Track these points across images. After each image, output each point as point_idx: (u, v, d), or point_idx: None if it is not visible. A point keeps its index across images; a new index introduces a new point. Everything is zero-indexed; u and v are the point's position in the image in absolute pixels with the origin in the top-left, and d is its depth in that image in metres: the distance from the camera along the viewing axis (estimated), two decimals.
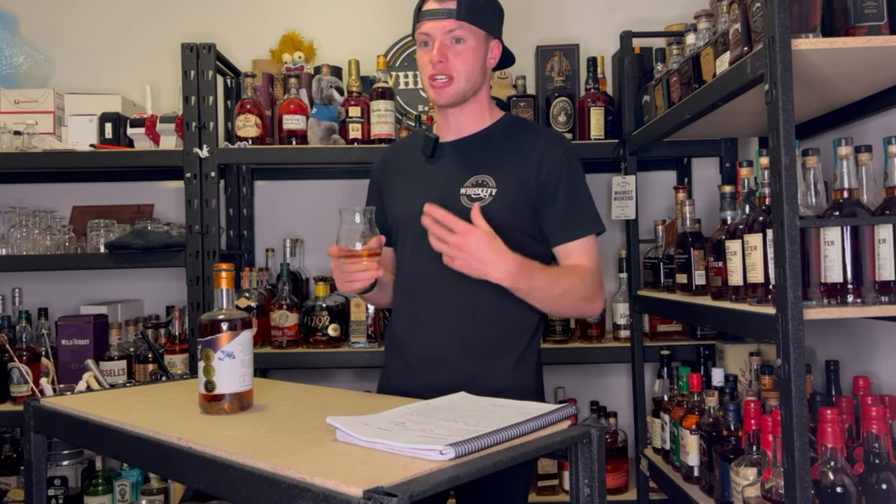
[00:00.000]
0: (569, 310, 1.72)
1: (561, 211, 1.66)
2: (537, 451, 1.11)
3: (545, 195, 1.65)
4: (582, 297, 1.63)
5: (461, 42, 1.64)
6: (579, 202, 1.68)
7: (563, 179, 1.66)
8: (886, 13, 1.48)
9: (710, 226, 2.38)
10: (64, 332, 2.57)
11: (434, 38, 1.64)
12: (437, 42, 1.63)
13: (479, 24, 1.65)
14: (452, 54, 1.63)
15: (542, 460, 2.51)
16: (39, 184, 2.97)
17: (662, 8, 2.90)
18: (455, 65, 1.64)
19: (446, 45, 1.63)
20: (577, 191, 1.68)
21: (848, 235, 1.49)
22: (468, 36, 1.64)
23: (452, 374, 1.63)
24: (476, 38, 1.65)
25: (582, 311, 1.70)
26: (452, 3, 1.62)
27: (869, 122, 2.04)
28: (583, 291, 1.63)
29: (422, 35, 1.66)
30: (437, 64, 1.63)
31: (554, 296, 1.60)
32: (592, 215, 1.70)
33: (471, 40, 1.64)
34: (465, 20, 1.62)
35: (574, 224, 1.67)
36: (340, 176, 2.96)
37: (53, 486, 2.53)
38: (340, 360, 2.53)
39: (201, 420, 1.29)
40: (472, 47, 1.65)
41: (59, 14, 3.05)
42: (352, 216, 1.52)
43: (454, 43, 1.64)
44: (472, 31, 1.64)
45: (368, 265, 1.54)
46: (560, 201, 1.66)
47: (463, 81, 1.65)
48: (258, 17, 3.03)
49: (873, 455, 1.51)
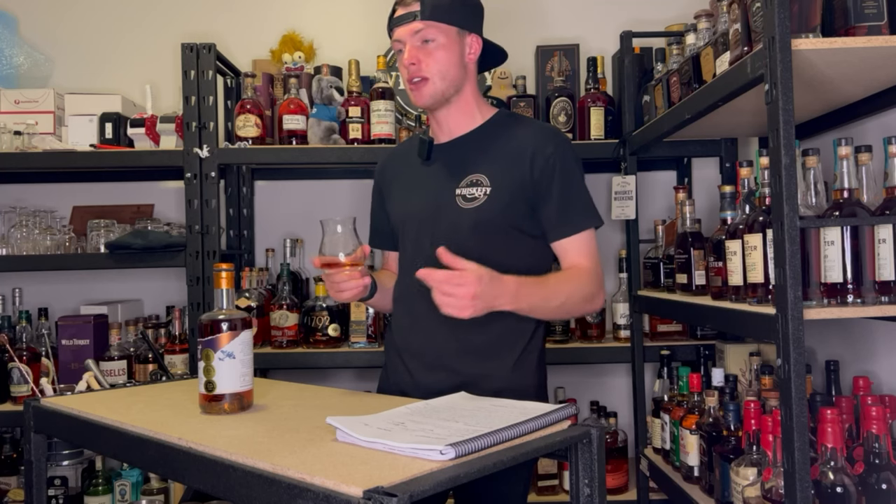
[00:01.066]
0: (574, 312, 1.72)
1: (556, 207, 1.64)
2: (537, 451, 1.11)
3: (539, 192, 1.64)
4: (582, 299, 1.63)
5: (431, 42, 1.64)
6: (574, 198, 1.66)
7: (557, 175, 1.64)
8: (886, 13, 1.48)
9: (710, 226, 2.38)
10: (64, 332, 2.57)
11: (404, 41, 1.65)
12: (407, 45, 1.65)
13: (448, 20, 1.64)
14: (423, 55, 1.64)
15: (542, 460, 2.51)
16: (39, 184, 2.97)
17: (662, 8, 2.90)
18: (428, 65, 1.64)
19: (416, 47, 1.64)
20: (572, 186, 1.66)
21: (848, 235, 1.49)
22: (437, 34, 1.64)
23: (451, 375, 1.63)
24: (446, 35, 1.65)
25: (584, 311, 1.70)
26: (416, 6, 1.63)
27: (869, 122, 2.04)
28: (582, 294, 1.62)
29: (395, 43, 1.68)
30: (410, 67, 1.64)
31: (555, 307, 1.61)
32: (588, 210, 1.68)
33: (440, 38, 1.64)
34: (430, 19, 1.63)
35: (569, 220, 1.65)
36: (340, 176, 2.96)
37: (53, 486, 2.53)
38: (340, 360, 2.53)
39: (201, 420, 1.29)
40: (443, 44, 1.64)
41: (59, 14, 3.05)
42: (333, 226, 1.52)
43: (424, 44, 1.64)
44: (441, 29, 1.64)
45: (351, 274, 1.54)
46: (554, 198, 1.64)
47: (438, 80, 1.65)
48: (258, 17, 3.03)
49: (873, 455, 1.51)
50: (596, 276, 1.65)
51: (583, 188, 1.68)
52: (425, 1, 1.62)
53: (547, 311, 1.62)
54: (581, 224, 1.66)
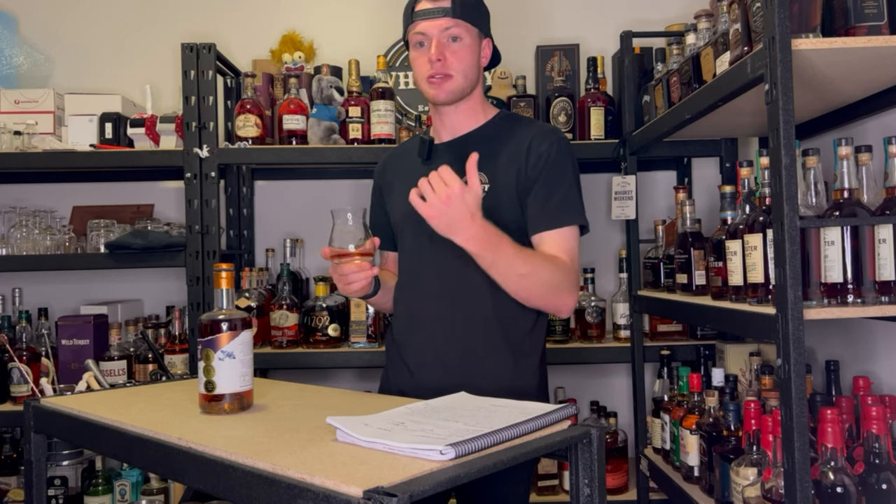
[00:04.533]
0: (535, 295, 1.59)
1: (540, 200, 1.62)
2: (537, 451, 1.11)
3: (528, 186, 1.63)
4: (549, 283, 1.56)
5: (458, 40, 1.64)
6: (560, 193, 1.62)
7: (547, 170, 1.62)
8: (886, 13, 1.48)
9: (710, 226, 2.38)
10: (64, 332, 2.57)
11: (431, 36, 1.63)
12: (434, 41, 1.63)
13: (473, 21, 1.65)
14: (450, 52, 1.63)
15: (542, 460, 2.51)
16: (39, 184, 2.97)
17: (662, 8, 2.90)
18: (453, 63, 1.64)
19: (444, 44, 1.63)
20: (560, 182, 1.63)
21: (848, 235, 1.49)
22: (464, 34, 1.64)
23: (451, 375, 1.63)
24: (471, 35, 1.66)
25: (549, 300, 1.60)
26: (447, 2, 1.62)
27: (869, 122, 2.04)
28: (551, 278, 1.56)
29: (417, 35, 1.66)
30: (435, 62, 1.62)
31: (519, 274, 1.53)
32: (572, 207, 1.63)
33: (467, 38, 1.64)
34: (461, 18, 1.63)
35: (550, 214, 1.61)
36: (340, 176, 2.96)
37: (53, 486, 2.53)
38: (340, 360, 2.53)
39: (201, 420, 1.29)
40: (469, 45, 1.65)
41: (59, 14, 3.05)
42: (344, 217, 1.51)
43: (451, 41, 1.63)
44: (468, 29, 1.64)
45: (362, 264, 1.52)
46: (540, 191, 1.62)
47: (461, 79, 1.65)
48: (258, 17, 3.03)
49: (873, 455, 1.51)
50: (571, 272, 1.59)
51: (573, 187, 1.65)
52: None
53: (510, 274, 1.53)
54: (561, 219, 1.62)
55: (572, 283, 1.60)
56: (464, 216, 1.44)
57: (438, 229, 1.47)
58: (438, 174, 1.45)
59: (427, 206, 1.45)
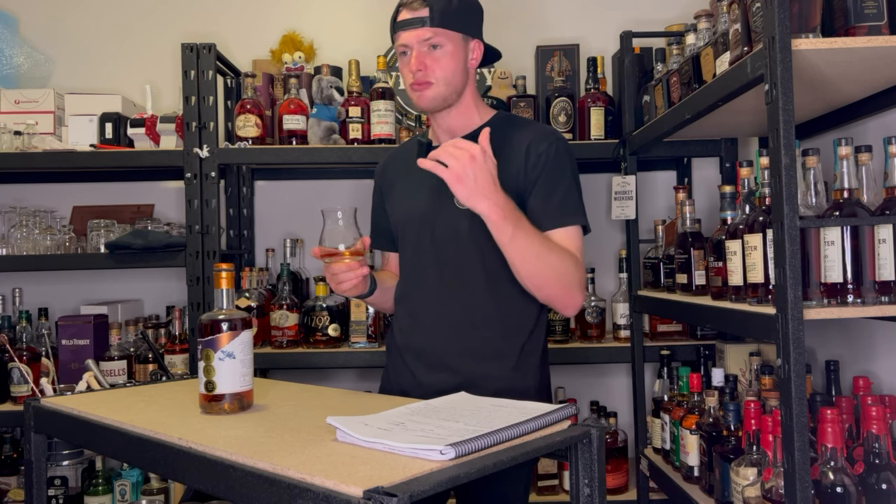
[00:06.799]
0: (548, 283, 1.55)
1: (541, 200, 1.61)
2: (537, 451, 1.11)
3: (528, 187, 1.63)
4: (563, 272, 1.54)
5: (438, 48, 1.63)
6: (561, 194, 1.62)
7: (547, 170, 1.62)
8: (886, 13, 1.48)
9: (710, 226, 2.38)
10: (64, 332, 2.57)
11: (411, 47, 1.64)
12: (414, 51, 1.64)
13: (455, 27, 1.64)
14: (430, 61, 1.63)
15: (542, 460, 2.51)
16: (39, 184, 2.97)
17: (662, 8, 2.90)
18: (434, 71, 1.64)
19: (423, 53, 1.63)
20: (561, 182, 1.63)
21: (848, 235, 1.49)
22: (444, 41, 1.63)
23: (451, 375, 1.63)
24: (453, 42, 1.65)
25: (560, 291, 1.57)
26: (425, 11, 1.61)
27: (869, 122, 2.04)
28: (565, 268, 1.55)
29: (400, 46, 1.67)
30: (416, 73, 1.63)
31: (534, 254, 1.51)
32: (573, 207, 1.63)
33: (448, 45, 1.64)
34: (440, 26, 1.62)
35: (553, 214, 1.61)
36: (340, 176, 2.96)
37: (53, 486, 2.53)
38: (340, 360, 2.53)
39: (201, 420, 1.29)
40: (450, 52, 1.64)
41: (59, 14, 3.05)
42: (334, 217, 1.51)
43: (431, 50, 1.64)
44: (448, 36, 1.64)
45: (351, 264, 1.53)
46: (541, 191, 1.62)
47: (443, 86, 1.65)
48: (258, 17, 3.03)
49: (873, 455, 1.51)
50: (581, 269, 1.59)
51: (573, 188, 1.65)
52: (434, 7, 1.61)
53: (527, 254, 1.50)
54: (564, 219, 1.61)
55: (582, 280, 1.60)
56: (487, 180, 1.43)
57: (462, 195, 1.44)
58: (454, 143, 1.44)
59: (450, 171, 1.43)
